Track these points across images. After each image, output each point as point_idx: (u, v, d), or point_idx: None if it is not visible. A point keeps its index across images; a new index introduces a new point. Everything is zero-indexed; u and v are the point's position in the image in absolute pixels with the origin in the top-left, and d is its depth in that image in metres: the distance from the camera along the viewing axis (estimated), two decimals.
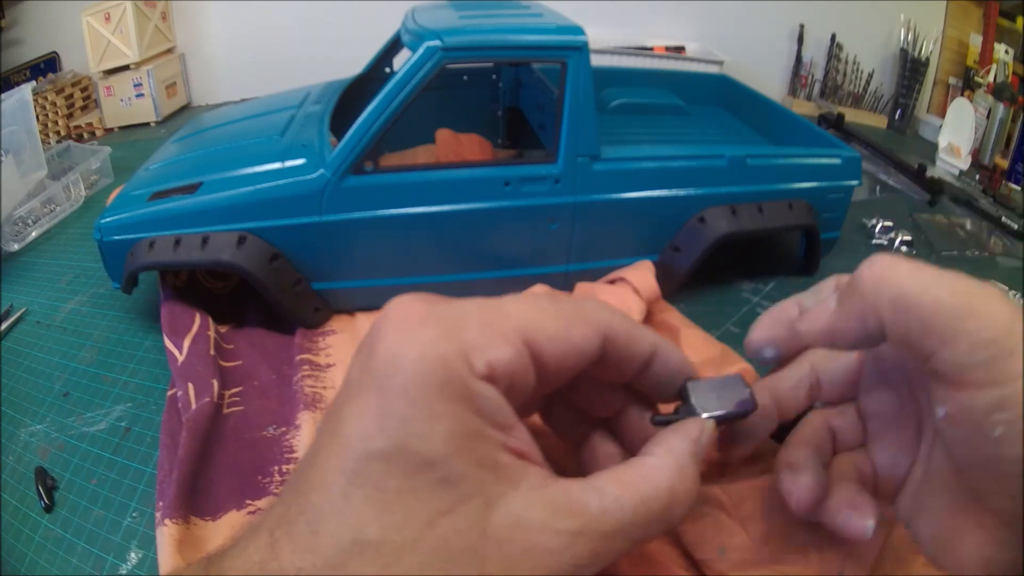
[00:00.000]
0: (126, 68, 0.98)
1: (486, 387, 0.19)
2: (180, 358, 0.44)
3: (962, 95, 0.96)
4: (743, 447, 0.28)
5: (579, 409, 0.27)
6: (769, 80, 1.09)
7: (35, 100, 0.86)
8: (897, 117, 1.04)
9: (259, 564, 0.17)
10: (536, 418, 0.28)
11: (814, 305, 0.24)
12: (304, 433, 0.40)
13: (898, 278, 0.20)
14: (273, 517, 0.19)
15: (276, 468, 0.39)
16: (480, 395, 0.19)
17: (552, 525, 0.18)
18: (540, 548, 0.18)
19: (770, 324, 0.27)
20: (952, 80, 1.04)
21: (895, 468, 0.25)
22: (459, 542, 0.17)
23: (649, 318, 0.51)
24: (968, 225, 0.72)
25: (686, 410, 0.25)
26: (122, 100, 1.00)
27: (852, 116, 1.00)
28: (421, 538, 0.17)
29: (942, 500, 0.22)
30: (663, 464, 0.21)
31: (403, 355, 0.18)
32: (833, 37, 1.06)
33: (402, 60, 0.48)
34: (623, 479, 0.20)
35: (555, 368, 0.21)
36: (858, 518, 0.24)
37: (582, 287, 0.53)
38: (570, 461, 0.27)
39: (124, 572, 0.34)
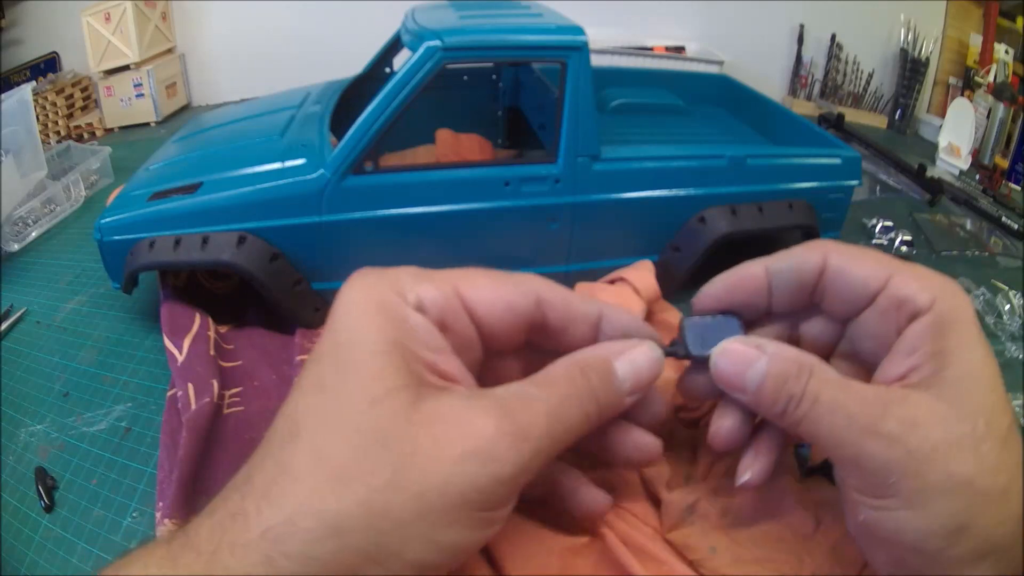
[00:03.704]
0: (126, 68, 0.98)
1: (415, 313, 0.22)
2: (180, 358, 0.44)
3: (962, 95, 0.96)
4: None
5: None
6: (769, 80, 1.09)
7: (35, 100, 0.86)
8: (897, 117, 1.04)
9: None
10: None
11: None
12: None
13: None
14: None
15: None
16: (409, 318, 0.21)
17: (471, 405, 0.20)
18: (464, 424, 0.19)
19: (723, 294, 0.27)
20: (952, 80, 1.04)
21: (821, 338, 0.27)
22: (389, 427, 0.19)
23: (649, 318, 0.51)
24: (968, 225, 0.72)
25: (681, 345, 0.26)
26: (122, 100, 1.00)
27: (852, 116, 1.00)
28: (353, 424, 0.19)
29: None
30: (563, 361, 0.23)
31: (348, 296, 0.22)
32: (833, 37, 1.06)
33: (402, 60, 0.48)
34: (530, 378, 0.22)
35: (489, 318, 0.23)
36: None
37: (582, 287, 0.53)
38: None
39: None
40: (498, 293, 0.23)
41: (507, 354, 0.26)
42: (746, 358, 0.24)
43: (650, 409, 0.26)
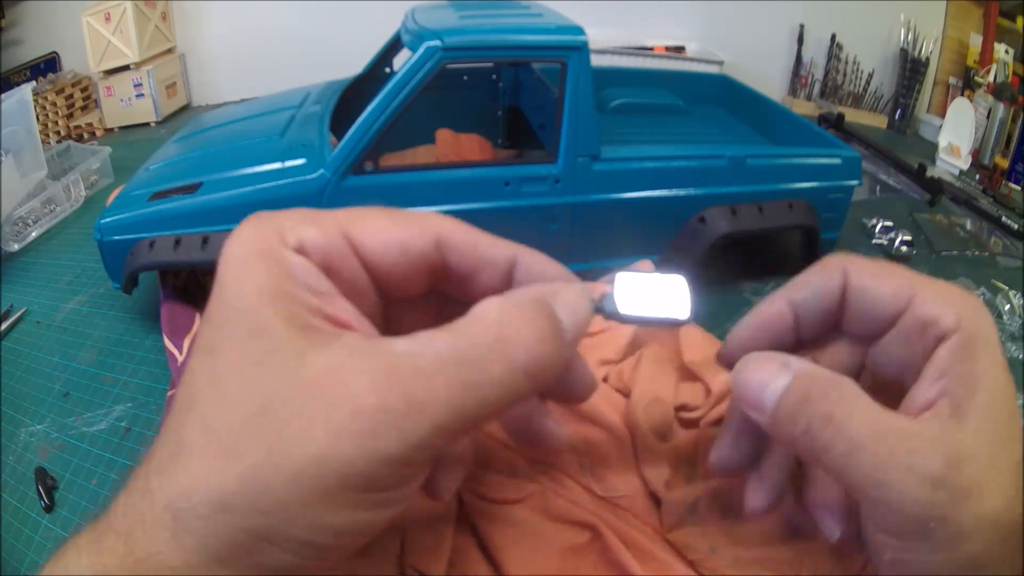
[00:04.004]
0: (126, 68, 0.98)
1: (295, 255, 0.19)
2: (180, 358, 0.44)
3: (962, 95, 0.96)
4: None
5: None
6: (769, 80, 1.09)
7: (35, 100, 0.86)
8: (897, 117, 1.05)
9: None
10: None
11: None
12: None
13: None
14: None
15: None
16: (290, 261, 0.19)
17: (355, 365, 0.17)
18: (348, 391, 0.16)
19: (751, 338, 0.25)
20: (952, 80, 1.04)
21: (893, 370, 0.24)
22: (270, 393, 0.17)
23: None
24: (968, 225, 0.72)
25: (608, 302, 0.22)
26: (122, 100, 1.00)
27: (852, 116, 1.00)
28: (237, 391, 0.17)
29: None
30: (493, 303, 0.19)
31: (229, 247, 0.19)
32: (833, 37, 1.06)
33: (402, 60, 0.48)
34: (446, 327, 0.18)
35: (379, 260, 0.21)
36: (829, 525, 0.24)
37: None
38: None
39: None
40: (390, 232, 0.21)
41: (413, 302, 0.23)
42: (767, 372, 0.21)
43: (577, 374, 0.22)
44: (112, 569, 0.16)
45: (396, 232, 0.21)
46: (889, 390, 0.23)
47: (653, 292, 0.22)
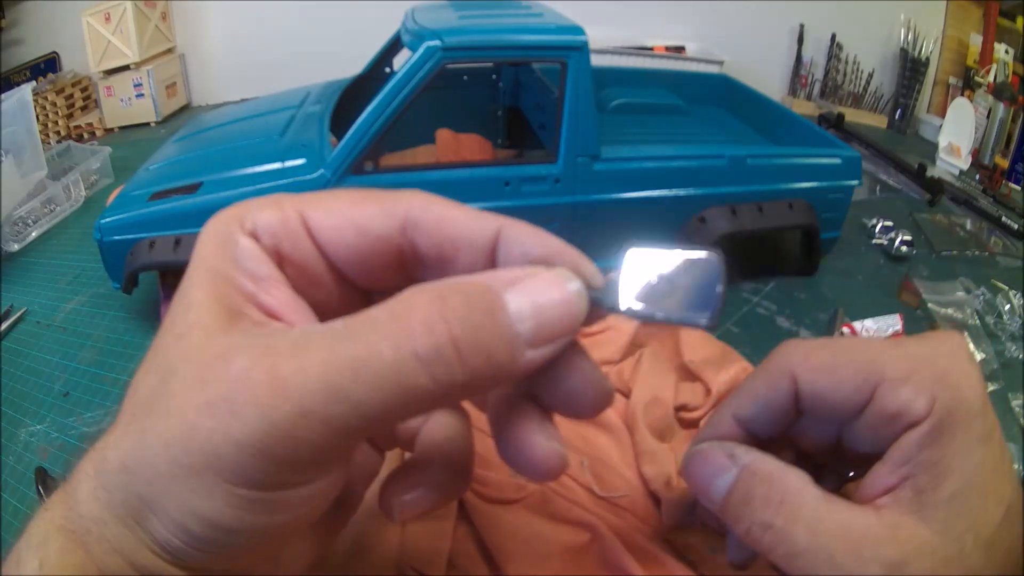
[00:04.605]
0: (126, 68, 0.98)
1: (245, 239, 0.18)
2: None
3: (962, 95, 0.96)
4: None
5: None
6: (769, 80, 1.09)
7: (35, 100, 0.86)
8: (897, 117, 1.05)
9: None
10: None
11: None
12: None
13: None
14: None
15: None
16: (238, 244, 0.18)
17: (244, 344, 0.15)
18: (219, 366, 0.15)
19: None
20: (952, 80, 1.04)
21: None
22: (175, 367, 0.16)
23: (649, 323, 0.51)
24: (968, 225, 0.72)
25: (610, 293, 0.20)
26: (122, 100, 1.00)
27: (852, 116, 1.00)
28: (157, 361, 0.17)
29: None
30: (418, 286, 0.16)
31: (201, 230, 0.19)
32: (833, 37, 1.06)
33: (402, 60, 0.48)
34: (360, 312, 0.16)
35: (335, 245, 0.19)
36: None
37: None
38: None
39: None
40: (344, 213, 0.18)
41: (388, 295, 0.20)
42: (714, 466, 0.21)
43: (579, 380, 0.18)
44: (55, 519, 0.17)
45: (351, 212, 0.18)
46: (867, 461, 0.22)
47: (672, 279, 0.18)
